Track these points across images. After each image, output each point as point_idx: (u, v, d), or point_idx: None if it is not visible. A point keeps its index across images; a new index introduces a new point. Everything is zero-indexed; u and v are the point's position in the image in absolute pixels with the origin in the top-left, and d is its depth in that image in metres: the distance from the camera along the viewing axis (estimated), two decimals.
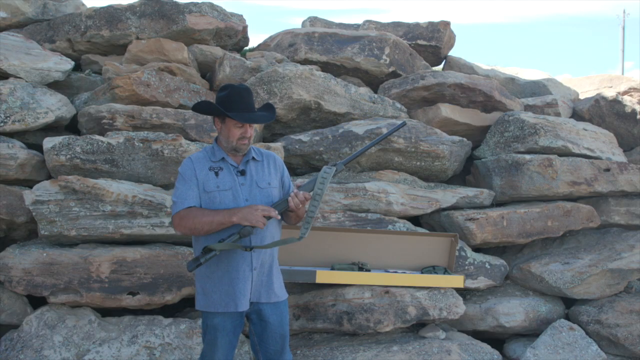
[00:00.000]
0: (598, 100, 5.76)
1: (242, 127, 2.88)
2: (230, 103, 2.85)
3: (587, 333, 4.57)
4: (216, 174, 2.88)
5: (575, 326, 4.56)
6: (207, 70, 5.28)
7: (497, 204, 5.05)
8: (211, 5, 5.30)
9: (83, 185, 3.79)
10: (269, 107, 3.07)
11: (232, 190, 2.86)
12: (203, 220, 2.77)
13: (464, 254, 4.61)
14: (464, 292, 4.66)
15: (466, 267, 4.59)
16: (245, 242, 2.82)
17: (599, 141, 5.35)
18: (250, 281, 2.86)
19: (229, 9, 5.43)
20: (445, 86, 5.16)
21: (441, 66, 6.51)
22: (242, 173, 2.92)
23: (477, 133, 5.40)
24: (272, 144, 4.42)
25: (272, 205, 2.85)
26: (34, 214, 3.78)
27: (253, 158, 2.98)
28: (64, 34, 5.18)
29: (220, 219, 2.76)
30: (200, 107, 2.99)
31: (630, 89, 6.24)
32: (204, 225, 2.78)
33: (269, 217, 2.78)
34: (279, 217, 2.85)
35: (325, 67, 5.44)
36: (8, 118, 4.16)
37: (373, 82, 5.65)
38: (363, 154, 4.68)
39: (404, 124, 3.15)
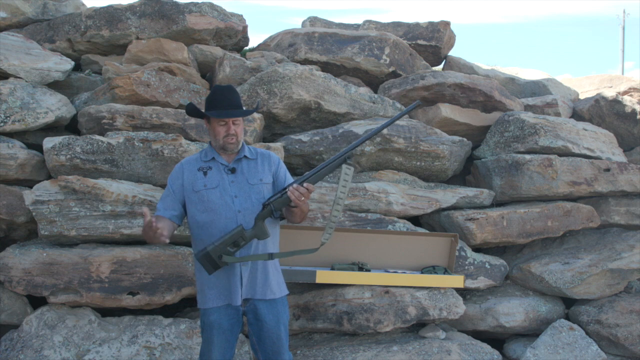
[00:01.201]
0: (598, 100, 5.76)
1: (225, 124, 2.95)
2: (213, 102, 2.94)
3: (587, 333, 4.57)
4: (204, 173, 2.96)
5: (575, 326, 4.56)
6: (207, 70, 5.28)
7: (497, 204, 5.05)
8: (211, 5, 5.29)
9: (83, 185, 3.79)
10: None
11: (219, 188, 2.93)
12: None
13: (464, 254, 4.61)
14: (464, 292, 4.66)
15: (466, 267, 4.59)
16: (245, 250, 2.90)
17: (599, 141, 5.35)
18: (239, 276, 2.90)
19: (229, 9, 5.42)
20: (445, 86, 5.16)
21: (441, 66, 6.50)
22: (233, 171, 2.97)
23: (477, 133, 5.40)
24: (272, 144, 4.42)
25: (268, 200, 2.86)
26: (34, 214, 3.78)
27: (245, 156, 3.02)
28: (64, 34, 5.17)
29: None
30: (188, 111, 3.12)
31: (630, 89, 6.23)
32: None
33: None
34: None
35: (325, 67, 5.43)
36: (8, 118, 4.16)
37: (373, 82, 5.64)
38: (363, 154, 4.69)
39: (418, 104, 3.11)
